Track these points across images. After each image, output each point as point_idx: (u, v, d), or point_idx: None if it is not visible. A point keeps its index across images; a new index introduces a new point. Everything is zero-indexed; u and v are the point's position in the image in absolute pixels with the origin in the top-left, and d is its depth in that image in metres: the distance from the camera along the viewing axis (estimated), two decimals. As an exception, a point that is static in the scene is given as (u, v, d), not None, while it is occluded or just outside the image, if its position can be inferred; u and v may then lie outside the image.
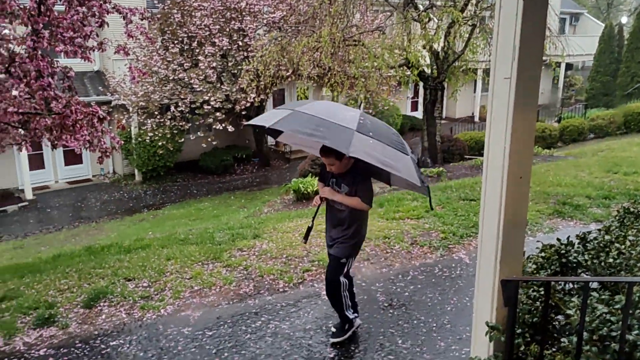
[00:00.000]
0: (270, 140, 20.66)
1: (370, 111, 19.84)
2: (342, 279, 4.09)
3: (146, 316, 4.76)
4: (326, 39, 11.43)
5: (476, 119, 25.90)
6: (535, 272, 3.02)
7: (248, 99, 14.58)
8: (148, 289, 5.31)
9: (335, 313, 4.46)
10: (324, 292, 5.07)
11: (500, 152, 2.48)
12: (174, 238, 7.13)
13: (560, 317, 2.68)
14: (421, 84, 14.48)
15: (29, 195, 15.38)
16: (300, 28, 13.99)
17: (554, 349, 2.60)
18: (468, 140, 17.49)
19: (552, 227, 6.87)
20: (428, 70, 14.09)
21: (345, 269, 4.09)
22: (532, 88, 2.48)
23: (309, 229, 4.22)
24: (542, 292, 2.66)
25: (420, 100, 23.29)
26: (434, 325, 4.46)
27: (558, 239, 3.17)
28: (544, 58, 2.74)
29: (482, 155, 13.08)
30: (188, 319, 4.67)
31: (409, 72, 13.25)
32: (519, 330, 2.59)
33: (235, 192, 15.94)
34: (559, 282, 2.89)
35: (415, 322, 4.52)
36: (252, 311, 4.77)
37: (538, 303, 2.67)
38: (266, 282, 5.37)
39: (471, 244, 6.30)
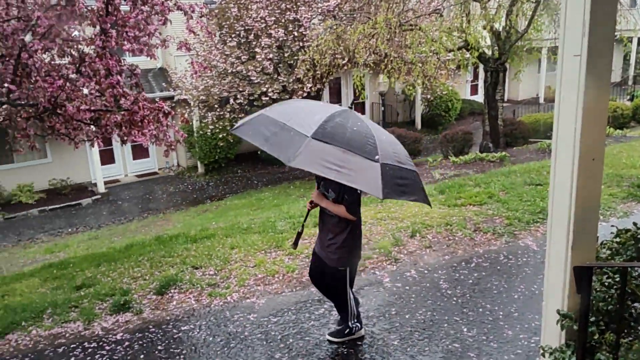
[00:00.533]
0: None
1: (429, 96, 19.47)
2: (348, 290, 3.89)
3: (214, 303, 4.93)
4: (382, 25, 11.28)
5: (541, 100, 24.82)
6: (609, 258, 2.88)
7: (305, 89, 14.68)
8: (214, 276, 5.49)
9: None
10: (386, 280, 5.07)
11: (570, 133, 2.37)
12: (237, 227, 7.32)
13: (637, 304, 2.55)
14: (481, 66, 14.04)
15: (101, 188, 16.23)
16: (355, 15, 13.88)
17: (630, 338, 2.48)
18: (532, 122, 16.81)
19: (627, 211, 6.51)
20: (489, 52, 13.63)
21: (348, 279, 3.86)
22: (603, 65, 2.35)
23: (299, 234, 4.05)
24: (618, 279, 2.54)
25: (481, 83, 22.60)
26: (501, 313, 4.36)
27: (634, 223, 3.00)
28: (615, 33, 2.59)
29: (548, 138, 12.56)
30: (253, 306, 4.80)
31: (468, 55, 12.88)
32: (592, 319, 2.48)
33: (295, 181, 16.13)
34: (636, 269, 2.75)
35: (480, 310, 4.43)
36: (315, 298, 4.83)
37: (613, 290, 2.55)
38: (328, 270, 5.42)
39: (538, 230, 6.09)
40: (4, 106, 6.30)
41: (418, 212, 6.88)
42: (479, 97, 23.23)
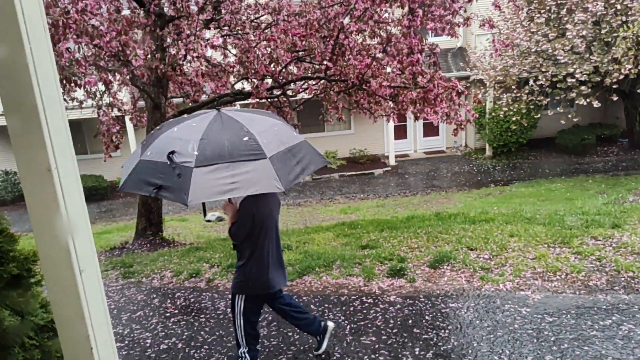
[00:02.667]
0: (646, 118, 17.63)
1: None
2: (236, 313, 3.57)
3: (484, 287, 4.84)
4: None
5: None
6: None
7: (622, 71, 12.73)
8: (489, 261, 5.37)
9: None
10: (703, 306, 4.15)
11: None
12: (520, 216, 6.95)
13: None
14: None
15: (392, 161, 17.44)
16: None
17: None
18: None
19: None
20: None
21: (239, 306, 3.54)
22: None
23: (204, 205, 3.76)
24: None
25: None
26: None
27: None
28: None
29: None
30: (526, 300, 4.53)
31: None
32: None
33: (595, 175, 14.33)
34: None
35: None
36: (602, 307, 4.28)
37: None
38: (622, 279, 4.71)
39: None
40: (322, 81, 7.29)
41: None
42: None
